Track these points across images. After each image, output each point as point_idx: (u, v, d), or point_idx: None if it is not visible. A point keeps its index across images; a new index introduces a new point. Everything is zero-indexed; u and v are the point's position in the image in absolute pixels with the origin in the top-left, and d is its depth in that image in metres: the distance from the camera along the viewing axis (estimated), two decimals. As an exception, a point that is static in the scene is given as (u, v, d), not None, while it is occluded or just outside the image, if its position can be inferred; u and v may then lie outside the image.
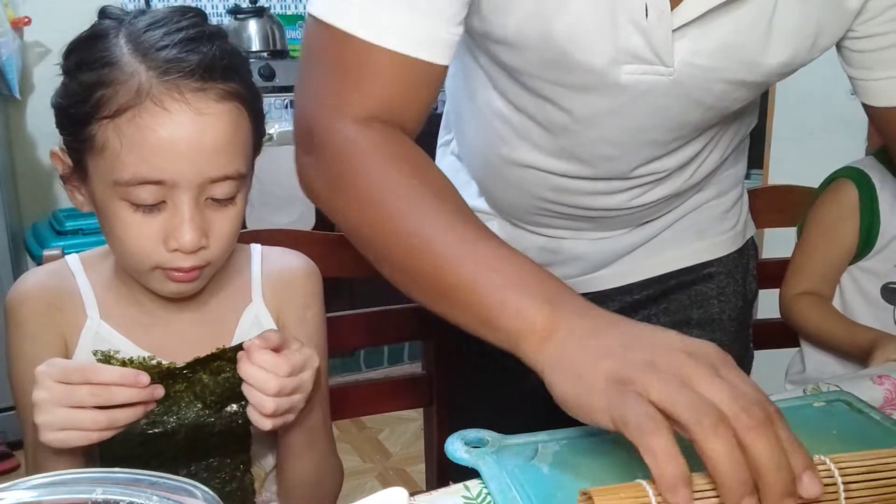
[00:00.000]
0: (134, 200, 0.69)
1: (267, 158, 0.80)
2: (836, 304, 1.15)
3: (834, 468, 0.52)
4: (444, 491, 0.61)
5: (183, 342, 0.78)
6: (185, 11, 0.73)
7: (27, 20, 2.33)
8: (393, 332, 1.13)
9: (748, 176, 1.09)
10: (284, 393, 0.69)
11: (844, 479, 0.51)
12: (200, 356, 0.71)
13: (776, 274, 1.19)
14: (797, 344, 1.20)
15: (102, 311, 0.78)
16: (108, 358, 0.70)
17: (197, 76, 0.69)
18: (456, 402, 1.13)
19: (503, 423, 0.68)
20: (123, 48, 0.70)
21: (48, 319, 0.77)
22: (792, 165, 2.15)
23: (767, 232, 1.88)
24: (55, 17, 2.31)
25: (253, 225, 0.93)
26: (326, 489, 0.86)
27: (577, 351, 0.56)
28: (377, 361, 2.91)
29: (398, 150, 0.72)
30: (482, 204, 1.00)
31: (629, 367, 0.52)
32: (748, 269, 1.07)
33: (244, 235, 0.86)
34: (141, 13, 0.73)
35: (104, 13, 0.74)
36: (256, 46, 2.64)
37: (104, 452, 0.74)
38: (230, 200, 0.73)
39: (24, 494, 0.47)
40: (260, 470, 0.85)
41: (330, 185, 0.73)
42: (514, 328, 0.60)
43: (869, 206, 1.10)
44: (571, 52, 0.74)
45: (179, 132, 0.68)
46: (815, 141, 2.09)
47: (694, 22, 0.73)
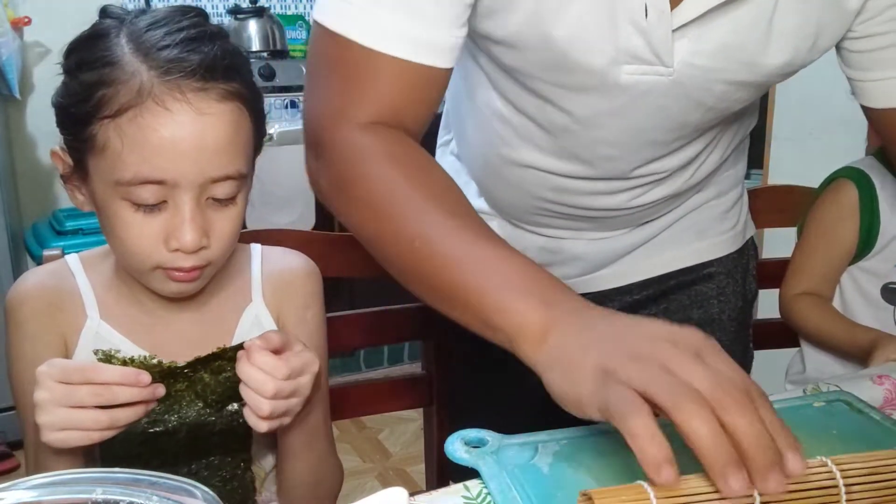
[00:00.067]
0: (135, 200, 0.69)
1: (267, 158, 0.80)
2: (836, 304, 1.15)
3: (835, 469, 0.52)
4: (444, 491, 0.61)
5: (183, 342, 0.78)
6: (186, 11, 0.73)
7: (27, 20, 2.32)
8: (393, 332, 1.13)
9: (748, 176, 1.09)
10: (281, 396, 0.68)
11: (846, 480, 0.51)
12: (201, 355, 0.71)
13: (776, 274, 1.19)
14: (797, 344, 1.20)
15: (102, 310, 0.78)
16: (108, 357, 0.70)
17: (198, 76, 0.69)
18: (456, 402, 1.13)
19: (503, 423, 0.68)
20: (125, 48, 0.70)
21: (48, 319, 0.77)
22: (792, 165, 2.15)
23: (767, 232, 1.88)
24: (55, 17, 2.32)
25: (253, 225, 0.93)
26: (326, 489, 0.85)
27: (568, 348, 0.57)
28: (377, 361, 2.91)
29: (400, 153, 0.73)
30: (482, 204, 1.00)
31: (613, 358, 0.53)
32: (748, 269, 1.07)
33: (244, 235, 0.86)
34: (142, 13, 0.73)
35: (105, 12, 0.74)
36: (256, 46, 2.64)
37: (105, 451, 0.74)
38: (231, 200, 0.73)
39: (24, 494, 0.47)
40: (260, 469, 0.85)
41: (336, 188, 0.75)
42: (511, 329, 0.61)
43: (869, 206, 1.10)
44: (571, 52, 0.74)
45: (181, 132, 0.68)
46: (815, 141, 2.09)
47: (694, 22, 0.73)
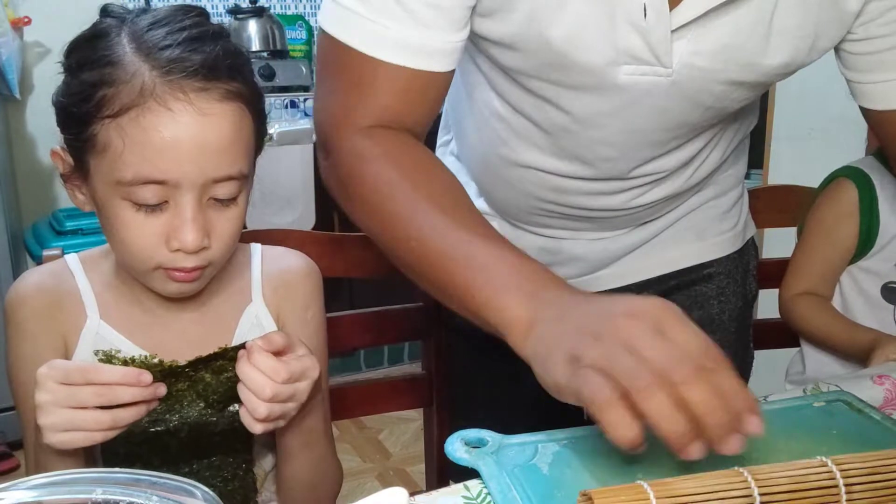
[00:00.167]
0: (136, 200, 0.69)
1: (267, 158, 0.80)
2: (835, 303, 1.15)
3: (835, 469, 0.52)
4: (444, 491, 0.61)
5: (183, 342, 0.78)
6: (187, 10, 0.73)
7: (27, 20, 2.32)
8: (393, 332, 1.13)
9: (748, 176, 1.09)
10: (278, 399, 0.68)
11: (846, 480, 0.51)
12: (202, 355, 0.70)
13: (776, 274, 1.19)
14: (797, 344, 1.20)
15: (102, 311, 0.78)
16: (109, 357, 0.70)
17: (200, 76, 0.69)
18: (456, 402, 1.13)
19: (503, 423, 0.68)
20: (126, 47, 0.69)
21: (48, 319, 0.77)
22: (792, 165, 2.15)
23: (767, 232, 1.88)
24: (55, 17, 2.32)
25: (253, 225, 0.92)
26: (325, 490, 0.85)
27: (546, 339, 0.60)
28: (377, 361, 2.91)
29: (400, 154, 0.75)
30: (482, 204, 1.00)
31: (579, 343, 0.56)
32: (748, 269, 1.07)
33: (244, 235, 0.86)
34: (143, 12, 0.73)
35: (106, 11, 0.74)
36: (256, 46, 2.64)
37: (106, 451, 0.74)
38: (232, 201, 0.73)
39: (24, 494, 0.47)
40: (259, 470, 0.84)
41: (341, 189, 0.78)
42: (500, 325, 0.64)
43: (868, 205, 1.10)
44: (569, 52, 0.74)
45: (182, 132, 0.68)
46: (815, 141, 2.09)
47: (693, 23, 0.73)
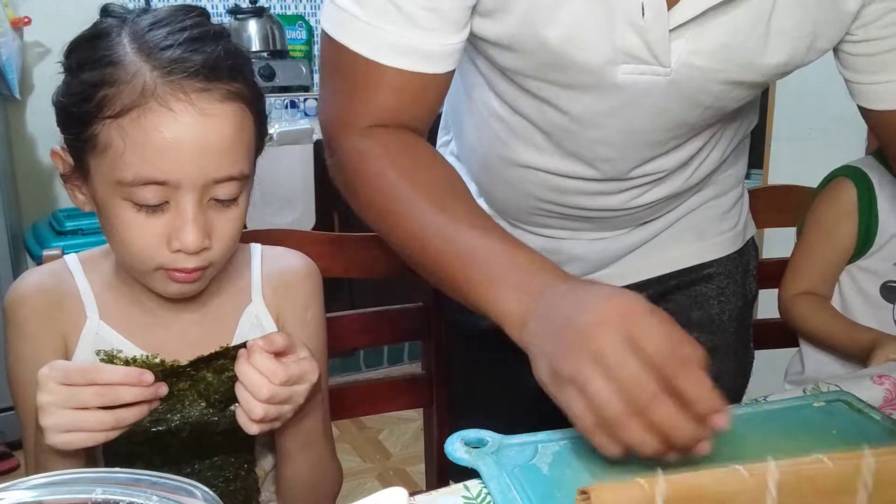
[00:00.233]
0: (137, 201, 0.69)
1: (267, 158, 0.80)
2: (835, 303, 1.15)
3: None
4: (444, 491, 0.61)
5: (183, 342, 0.78)
6: (188, 10, 0.72)
7: (27, 20, 2.32)
8: (393, 332, 1.13)
9: (748, 176, 1.09)
10: (275, 401, 0.68)
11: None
12: (204, 354, 0.70)
13: (776, 274, 1.19)
14: (797, 344, 1.20)
15: (102, 311, 0.78)
16: (111, 357, 0.70)
17: (201, 76, 0.68)
18: (456, 402, 1.12)
19: (503, 423, 0.68)
20: (127, 47, 0.69)
21: (48, 320, 0.76)
22: (792, 165, 2.15)
23: (767, 232, 1.88)
24: (55, 17, 2.32)
25: (253, 225, 0.92)
26: (324, 491, 0.85)
27: (536, 337, 0.62)
28: (377, 361, 2.91)
29: (399, 153, 0.77)
30: (482, 204, 0.99)
31: (556, 354, 0.59)
32: (748, 269, 1.07)
33: (244, 235, 0.86)
34: (143, 12, 0.73)
35: (106, 11, 0.73)
36: (256, 46, 2.64)
37: (107, 451, 0.74)
38: (233, 201, 0.73)
39: (24, 494, 0.47)
40: (260, 470, 0.84)
41: (347, 188, 0.81)
42: (498, 318, 0.66)
43: (867, 204, 1.10)
44: (567, 52, 0.74)
45: (184, 133, 0.68)
46: (815, 141, 2.09)
47: (691, 22, 0.73)
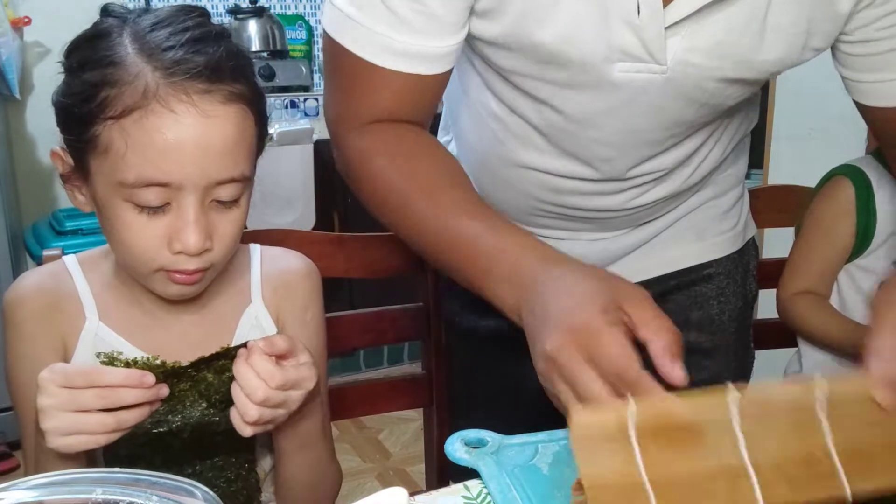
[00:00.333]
0: (138, 202, 0.69)
1: (268, 159, 0.80)
2: (833, 302, 1.15)
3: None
4: (444, 491, 0.61)
5: (183, 343, 0.78)
6: (189, 10, 0.72)
7: (27, 20, 2.33)
8: (393, 332, 1.13)
9: (748, 176, 1.09)
10: (269, 404, 0.68)
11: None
12: (205, 355, 0.70)
13: (776, 274, 1.19)
14: (797, 344, 1.20)
15: (101, 312, 0.78)
16: (111, 359, 0.70)
17: (203, 77, 0.68)
18: (456, 402, 1.13)
19: (503, 423, 0.68)
20: (128, 47, 0.69)
21: (47, 320, 0.76)
22: (792, 165, 2.15)
23: (767, 232, 1.88)
24: (55, 17, 2.32)
25: (253, 225, 0.92)
26: (324, 491, 0.85)
27: (528, 326, 0.65)
28: (377, 361, 2.91)
29: (397, 149, 0.79)
30: (482, 204, 1.00)
31: (537, 357, 0.61)
32: (748, 269, 1.07)
33: (244, 236, 0.86)
34: (144, 12, 0.72)
35: (106, 11, 0.73)
36: (256, 46, 2.64)
37: (108, 453, 0.74)
38: (234, 202, 0.73)
39: (24, 494, 0.47)
40: (261, 470, 0.84)
41: (352, 183, 0.84)
42: (498, 308, 0.69)
43: (865, 203, 1.10)
44: (563, 50, 0.75)
45: (186, 134, 0.67)
46: (815, 141, 2.09)
47: (687, 19, 0.73)
